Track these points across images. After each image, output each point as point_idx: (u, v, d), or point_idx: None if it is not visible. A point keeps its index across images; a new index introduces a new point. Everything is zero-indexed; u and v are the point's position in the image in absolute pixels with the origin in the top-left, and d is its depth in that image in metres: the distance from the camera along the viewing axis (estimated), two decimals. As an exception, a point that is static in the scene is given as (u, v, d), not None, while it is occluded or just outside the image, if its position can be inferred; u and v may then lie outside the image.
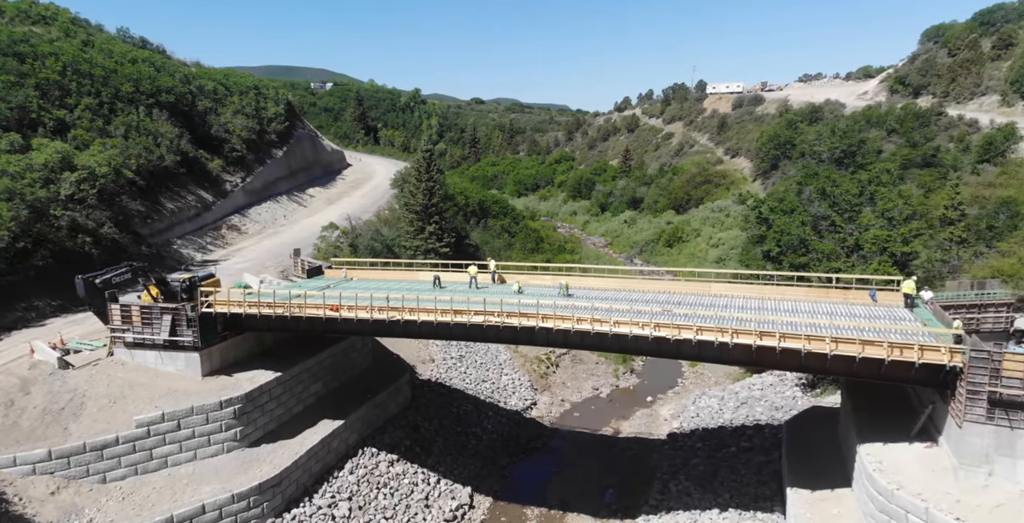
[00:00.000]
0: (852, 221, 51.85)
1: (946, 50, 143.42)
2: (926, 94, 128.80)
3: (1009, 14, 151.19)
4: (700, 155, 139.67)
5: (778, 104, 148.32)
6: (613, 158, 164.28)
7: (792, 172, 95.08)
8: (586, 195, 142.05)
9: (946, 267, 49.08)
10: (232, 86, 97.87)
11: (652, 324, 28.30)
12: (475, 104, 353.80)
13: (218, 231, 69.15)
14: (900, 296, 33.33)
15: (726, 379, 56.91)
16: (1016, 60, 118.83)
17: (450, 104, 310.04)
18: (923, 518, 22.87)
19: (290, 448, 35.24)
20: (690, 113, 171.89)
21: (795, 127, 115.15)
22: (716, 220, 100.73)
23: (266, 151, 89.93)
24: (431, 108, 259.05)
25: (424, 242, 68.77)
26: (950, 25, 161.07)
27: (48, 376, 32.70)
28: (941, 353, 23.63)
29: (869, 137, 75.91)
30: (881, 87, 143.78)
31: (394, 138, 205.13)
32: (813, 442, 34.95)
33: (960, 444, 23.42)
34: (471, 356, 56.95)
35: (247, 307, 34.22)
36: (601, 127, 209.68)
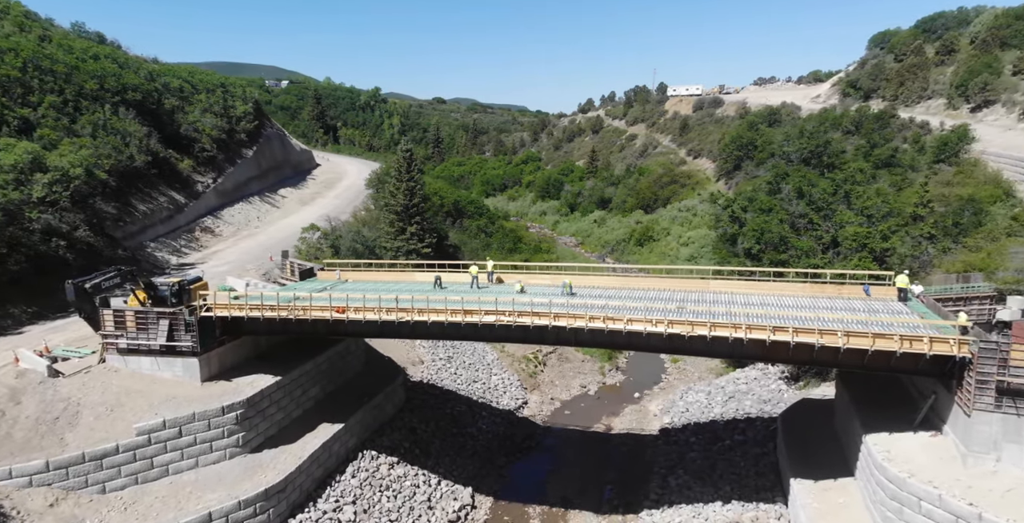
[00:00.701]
0: (828, 219, 53.37)
1: (892, 55, 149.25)
2: (876, 97, 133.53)
3: (949, 21, 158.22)
4: (664, 156, 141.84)
5: (737, 106, 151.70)
6: (579, 159, 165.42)
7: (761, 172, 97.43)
8: (555, 195, 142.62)
9: (916, 262, 50.94)
10: (198, 83, 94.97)
11: (666, 321, 28.52)
12: (437, 104, 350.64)
13: (192, 233, 66.94)
14: (888, 290, 34.53)
15: (709, 374, 57.83)
16: (959, 65, 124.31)
17: (411, 103, 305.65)
18: (936, 504, 23.59)
19: (293, 453, 34.37)
20: (652, 115, 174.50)
21: (756, 129, 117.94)
22: (684, 219, 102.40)
23: (236, 151, 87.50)
24: (392, 107, 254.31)
25: (406, 243, 67.88)
26: (895, 32, 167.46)
27: (38, 385, 31.09)
28: (950, 345, 24.44)
29: (833, 138, 78.21)
30: (833, 90, 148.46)
31: (354, 137, 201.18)
32: (809, 434, 35.73)
33: (968, 432, 24.24)
34: (459, 357, 56.49)
35: (249, 310, 33.15)
36: (566, 128, 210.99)
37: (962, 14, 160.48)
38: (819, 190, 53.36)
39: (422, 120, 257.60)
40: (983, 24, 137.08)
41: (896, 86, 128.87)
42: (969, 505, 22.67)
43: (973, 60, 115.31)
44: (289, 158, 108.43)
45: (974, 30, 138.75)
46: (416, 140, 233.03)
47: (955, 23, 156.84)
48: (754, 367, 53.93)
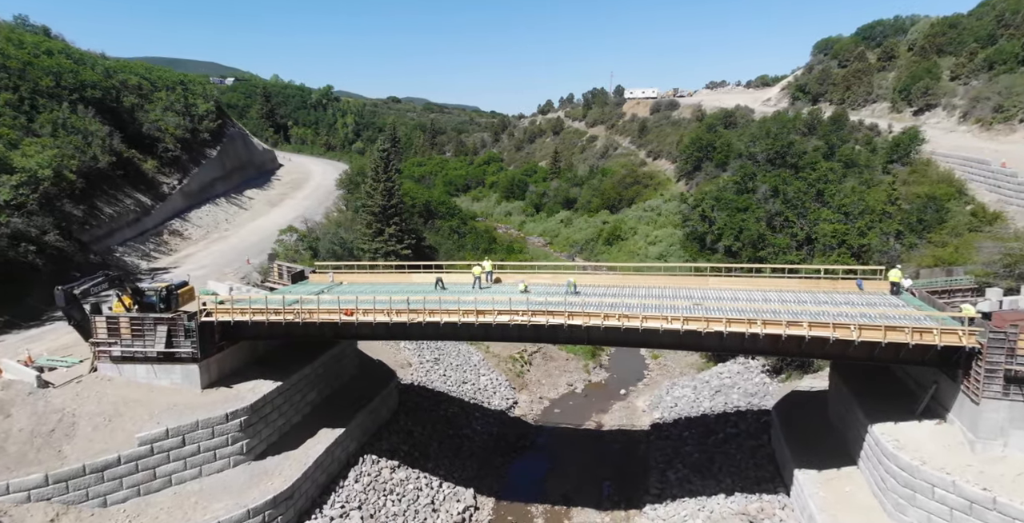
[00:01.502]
0: (803, 217, 54.92)
1: (836, 61, 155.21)
2: (824, 101, 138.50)
3: (887, 29, 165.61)
4: (624, 157, 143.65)
5: (692, 109, 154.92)
6: (542, 159, 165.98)
7: (720, 172, 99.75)
8: (519, 196, 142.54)
9: (885, 258, 52.90)
10: (156, 81, 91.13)
11: (681, 318, 28.70)
12: (392, 103, 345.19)
13: (160, 237, 64.14)
14: (876, 284, 35.69)
15: (689, 369, 58.73)
16: (900, 71, 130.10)
17: (365, 102, 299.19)
18: (950, 490, 24.37)
19: (297, 459, 33.29)
20: (611, 117, 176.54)
21: (715, 131, 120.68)
22: (650, 219, 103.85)
23: (199, 151, 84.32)
24: (345, 106, 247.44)
25: (384, 244, 66.63)
26: (837, 39, 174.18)
27: (27, 396, 29.17)
28: (959, 336, 25.34)
29: (796, 139, 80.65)
30: (783, 94, 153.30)
31: (307, 136, 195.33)
32: (806, 425, 36.56)
33: (977, 419, 25.14)
34: (446, 359, 55.77)
35: (252, 314, 31.85)
36: (527, 129, 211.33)
37: (898, 22, 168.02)
38: (794, 189, 54.83)
39: (377, 119, 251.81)
40: (919, 32, 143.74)
41: (843, 90, 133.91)
42: (983, 490, 23.50)
43: (914, 65, 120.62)
44: (253, 158, 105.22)
45: (911, 38, 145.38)
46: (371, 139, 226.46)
47: (892, 31, 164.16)
48: (735, 361, 55.00)
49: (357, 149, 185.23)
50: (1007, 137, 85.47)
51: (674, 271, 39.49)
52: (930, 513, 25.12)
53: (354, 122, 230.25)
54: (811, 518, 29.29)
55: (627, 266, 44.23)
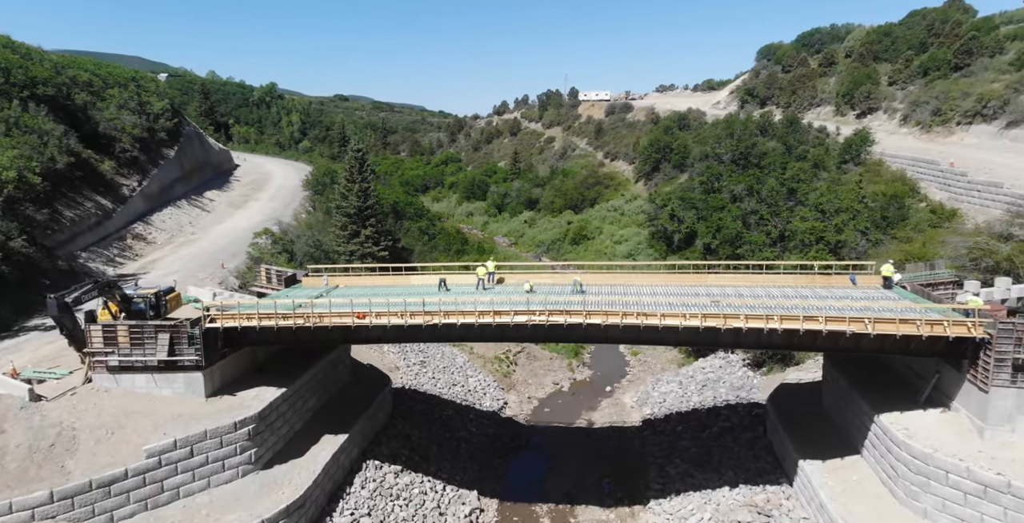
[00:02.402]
0: (777, 215, 56.45)
1: (780, 66, 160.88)
2: (771, 104, 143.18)
3: (825, 36, 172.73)
4: (583, 158, 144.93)
5: (646, 112, 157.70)
6: (500, 160, 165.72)
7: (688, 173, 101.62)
8: (480, 196, 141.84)
9: (854, 253, 54.95)
10: (108, 77, 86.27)
11: (700, 316, 28.93)
12: (339, 101, 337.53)
13: (123, 241, 60.70)
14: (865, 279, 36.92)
15: (670, 364, 59.53)
16: (841, 76, 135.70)
17: (311, 100, 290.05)
18: (964, 476, 25.21)
19: (304, 467, 32.07)
20: (567, 119, 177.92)
21: (671, 133, 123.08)
22: (614, 218, 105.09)
23: (157, 151, 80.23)
24: (290, 104, 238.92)
25: (360, 246, 65.06)
26: (779, 45, 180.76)
27: (19, 410, 27.01)
28: (968, 327, 26.35)
29: (759, 140, 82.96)
30: (732, 98, 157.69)
31: (250, 135, 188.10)
32: (802, 416, 37.37)
33: (986, 407, 26.08)
34: (432, 361, 54.80)
35: (259, 320, 30.39)
36: (484, 130, 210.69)
37: (835, 30, 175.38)
38: (767, 188, 56.30)
39: (324, 118, 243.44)
40: (856, 39, 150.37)
41: (789, 94, 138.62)
42: (997, 475, 24.40)
43: (855, 71, 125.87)
44: (210, 158, 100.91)
45: (848, 45, 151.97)
46: (319, 138, 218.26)
47: (830, 38, 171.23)
48: (716, 356, 56.02)
49: (304, 148, 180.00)
50: (946, 139, 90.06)
51: (673, 269, 39.69)
52: (944, 499, 25.96)
53: (300, 120, 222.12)
54: (822, 507, 29.95)
55: (625, 265, 44.40)
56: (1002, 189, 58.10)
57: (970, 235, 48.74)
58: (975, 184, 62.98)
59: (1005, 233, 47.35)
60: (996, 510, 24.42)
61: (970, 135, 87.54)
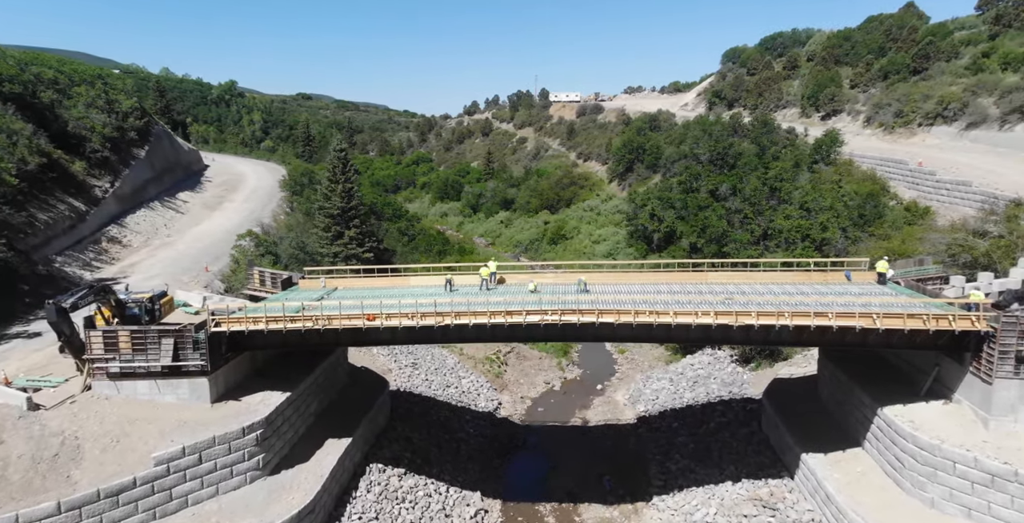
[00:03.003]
0: (760, 214, 57.40)
1: (745, 69, 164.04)
2: (738, 106, 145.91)
3: (787, 41, 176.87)
4: (556, 159, 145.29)
5: (616, 113, 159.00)
6: (473, 160, 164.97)
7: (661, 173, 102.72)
8: (454, 196, 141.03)
9: (833, 250, 56.25)
10: (73, 74, 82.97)
11: (712, 313, 29.12)
12: (302, 100, 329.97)
13: (99, 245, 58.35)
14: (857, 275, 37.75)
15: (657, 362, 59.96)
16: (804, 79, 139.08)
17: (273, 99, 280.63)
18: (972, 466, 25.82)
19: (311, 471, 31.34)
20: (539, 119, 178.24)
21: (644, 134, 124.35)
22: (590, 218, 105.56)
23: (127, 151, 77.40)
24: (251, 102, 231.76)
25: (344, 248, 63.89)
26: (743, 48, 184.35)
27: (18, 420, 25.71)
28: (972, 321, 27.08)
29: (735, 141, 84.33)
30: (699, 100, 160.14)
31: (208, 134, 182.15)
32: (800, 411, 37.93)
33: (990, 398, 26.76)
34: (423, 363, 54.10)
35: (267, 323, 29.48)
36: (455, 130, 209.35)
37: (796, 34, 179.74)
38: (751, 187, 57.20)
39: (287, 117, 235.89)
40: (818, 44, 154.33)
41: (755, 96, 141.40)
42: (1004, 464, 25.14)
43: (819, 74, 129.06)
44: (180, 158, 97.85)
45: (810, 49, 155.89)
46: (283, 138, 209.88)
47: (792, 42, 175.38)
48: (703, 352, 56.57)
49: (267, 147, 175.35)
50: (908, 140, 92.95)
51: (672, 267, 39.92)
52: (951, 488, 26.60)
53: (262, 119, 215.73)
54: (828, 499, 30.42)
55: (627, 263, 44.48)
56: (971, 188, 60.16)
57: (948, 232, 50.36)
58: (943, 183, 65.09)
59: (980, 230, 49.06)
60: (1003, 498, 25.13)
61: (931, 136, 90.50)
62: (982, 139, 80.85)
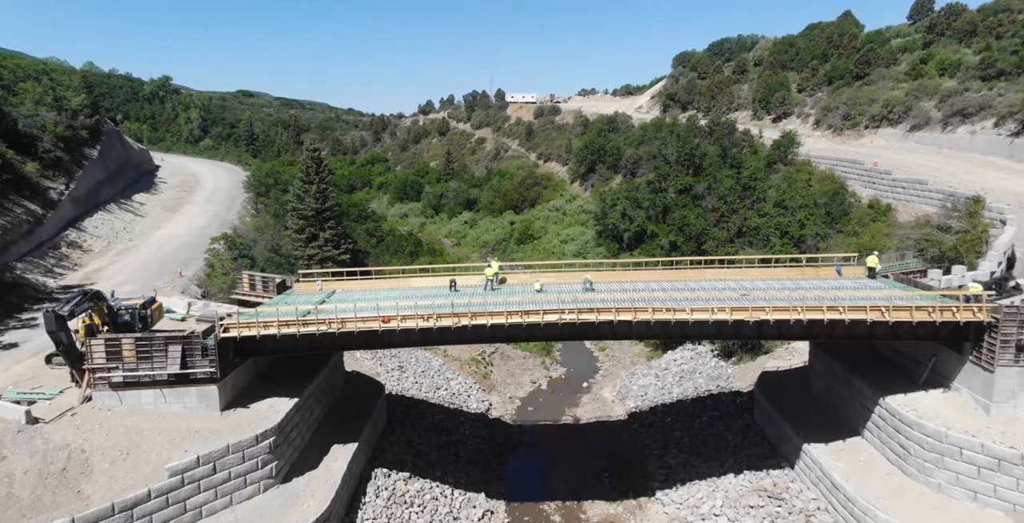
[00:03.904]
0: (735, 212, 58.75)
1: (696, 73, 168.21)
2: (692, 109, 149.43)
3: (733, 46, 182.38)
4: (516, 160, 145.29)
5: (574, 114, 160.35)
6: (431, 160, 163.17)
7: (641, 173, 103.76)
8: (414, 197, 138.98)
9: (803, 247, 58.08)
10: (16, 69, 77.86)
11: (727, 309, 29.48)
12: (243, 97, 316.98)
13: (59, 250, 54.80)
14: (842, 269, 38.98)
15: (638, 358, 60.54)
16: (753, 83, 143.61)
17: (212, 96, 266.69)
18: (979, 451, 26.74)
19: (322, 478, 30.32)
20: (497, 120, 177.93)
21: (604, 135, 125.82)
22: (556, 218, 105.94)
23: (79, 151, 73.03)
24: (187, 99, 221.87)
25: (320, 250, 61.93)
26: (693, 53, 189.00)
27: (17, 435, 23.91)
28: (973, 312, 28.24)
29: (701, 142, 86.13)
30: (653, 102, 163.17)
31: (142, 132, 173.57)
32: (795, 402, 38.76)
33: (991, 386, 27.84)
34: (409, 366, 52.96)
35: (279, 327, 28.20)
36: (410, 129, 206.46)
37: (742, 40, 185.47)
38: (726, 186, 58.47)
39: (227, 114, 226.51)
40: (764, 49, 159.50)
41: (708, 99, 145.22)
42: (1010, 448, 26.23)
43: (768, 78, 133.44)
44: (131, 158, 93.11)
45: (757, 54, 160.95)
46: (223, 136, 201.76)
47: (738, 47, 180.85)
48: (684, 348, 57.45)
49: (207, 146, 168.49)
50: (857, 141, 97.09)
51: (671, 265, 40.29)
52: (958, 473, 27.50)
53: (200, 117, 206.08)
54: (835, 487, 31.06)
55: (626, 262, 44.60)
56: (927, 186, 63.12)
57: (914, 228, 52.70)
58: (900, 181, 68.13)
59: (944, 225, 51.58)
60: (1009, 481, 26.21)
61: (879, 138, 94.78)
62: (926, 140, 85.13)
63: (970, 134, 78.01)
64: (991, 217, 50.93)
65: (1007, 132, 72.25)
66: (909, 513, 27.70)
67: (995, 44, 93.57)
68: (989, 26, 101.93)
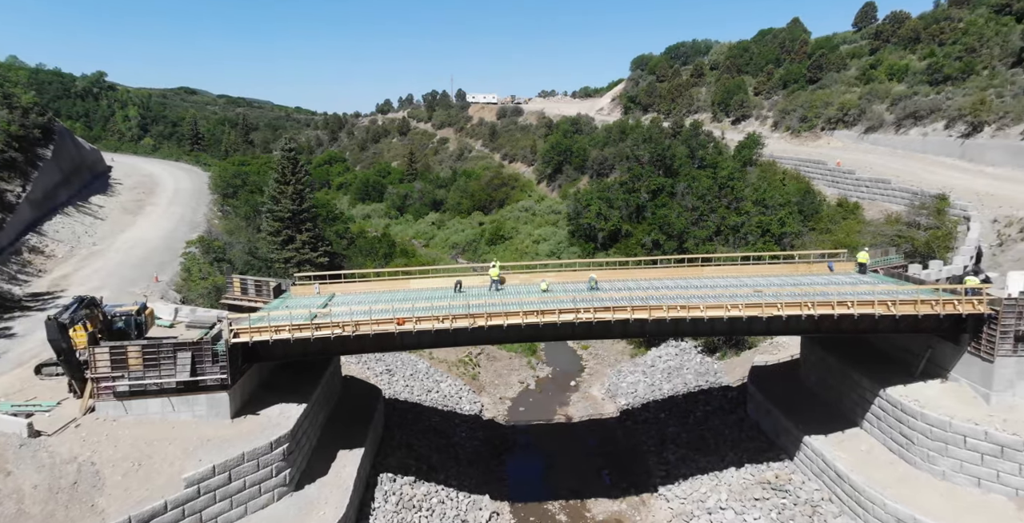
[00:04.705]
0: (714, 211, 59.79)
1: (654, 76, 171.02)
2: (653, 111, 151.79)
3: (689, 50, 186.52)
4: (480, 160, 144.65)
5: (536, 116, 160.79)
6: (391, 160, 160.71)
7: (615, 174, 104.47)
8: (376, 198, 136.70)
9: (783, 244, 59.54)
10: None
11: (741, 305, 29.79)
12: (186, 94, 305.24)
13: (20, 256, 51.51)
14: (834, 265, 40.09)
15: (621, 355, 60.86)
16: (710, 87, 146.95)
17: (151, 93, 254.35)
18: (982, 438, 27.58)
19: (333, 484, 29.43)
20: (459, 120, 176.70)
21: (570, 137, 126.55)
22: (527, 218, 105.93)
23: (32, 151, 68.83)
24: (124, 96, 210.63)
25: (297, 253, 60.15)
26: (650, 56, 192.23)
27: (19, 448, 22.37)
28: (974, 305, 29.28)
29: (672, 143, 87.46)
30: (614, 104, 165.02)
31: (75, 131, 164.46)
32: (789, 396, 39.57)
33: (992, 375, 28.78)
34: (396, 370, 51.75)
35: (292, 331, 27.06)
36: (369, 128, 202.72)
37: (697, 45, 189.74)
38: (704, 187, 59.46)
39: (168, 112, 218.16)
40: (719, 53, 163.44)
41: (668, 102, 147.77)
42: (1013, 435, 27.30)
43: (727, 82, 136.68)
44: (84, 159, 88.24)
45: (712, 58, 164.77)
46: (164, 135, 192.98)
47: (693, 51, 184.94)
48: (667, 344, 57.98)
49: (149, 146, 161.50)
50: (814, 142, 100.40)
51: (670, 264, 40.55)
52: (962, 461, 28.26)
53: (139, 115, 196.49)
54: (840, 477, 31.63)
55: (626, 260, 44.60)
56: (891, 185, 65.66)
57: (887, 225, 54.69)
58: (863, 181, 70.71)
59: (914, 222, 53.70)
60: (1012, 467, 27.10)
61: (835, 139, 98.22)
62: (881, 142, 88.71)
63: (923, 136, 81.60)
64: (955, 214, 53.36)
65: (957, 134, 75.78)
66: (916, 500, 28.47)
67: (939, 51, 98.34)
68: (932, 33, 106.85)
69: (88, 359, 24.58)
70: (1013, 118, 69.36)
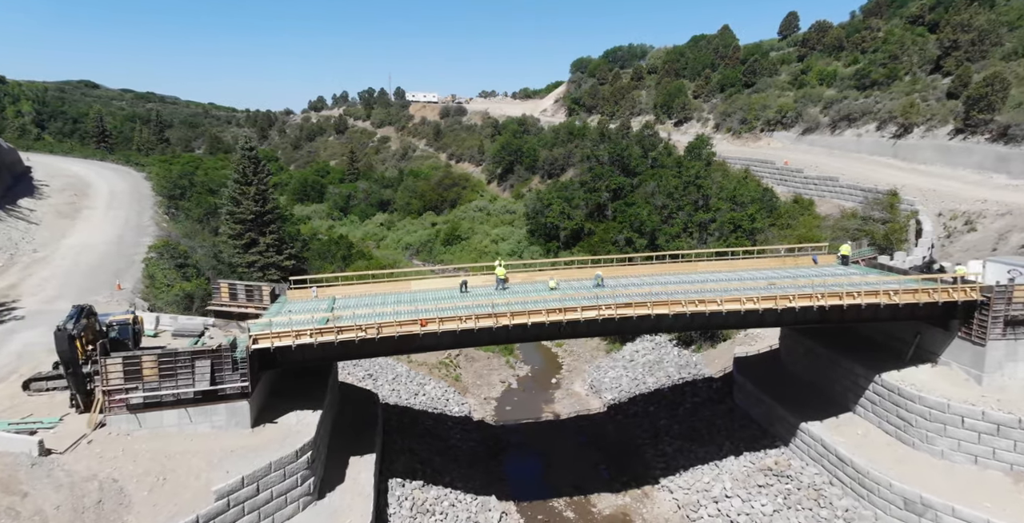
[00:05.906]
0: (682, 209, 61.21)
1: (595, 78, 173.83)
2: (596, 113, 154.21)
3: (626, 54, 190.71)
4: (425, 160, 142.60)
5: (481, 116, 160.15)
6: (329, 159, 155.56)
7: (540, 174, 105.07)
8: (316, 198, 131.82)
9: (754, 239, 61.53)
10: None
11: (756, 298, 30.42)
12: (88, 88, 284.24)
13: (-48, 261, 46.41)
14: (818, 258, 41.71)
15: (596, 352, 61.27)
16: (650, 90, 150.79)
17: (47, 86, 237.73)
18: (980, 418, 29.15)
19: (353, 491, 28.38)
20: (400, 119, 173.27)
21: (520, 137, 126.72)
22: (482, 218, 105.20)
23: (-50, 150, 62.49)
24: (17, 89, 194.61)
25: (261, 256, 57.09)
26: (589, 59, 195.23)
27: (32, 468, 20.21)
28: (966, 292, 31.03)
29: (628, 143, 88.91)
30: (558, 106, 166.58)
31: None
32: (778, 384, 40.92)
33: (983, 358, 30.56)
34: (378, 374, 50.08)
35: (311, 336, 25.56)
36: (302, 126, 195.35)
37: (634, 49, 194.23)
38: (672, 185, 60.79)
39: (68, 107, 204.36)
40: (657, 58, 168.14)
41: (612, 104, 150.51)
42: (1008, 414, 29.06)
43: (667, 85, 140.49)
44: (3, 159, 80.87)
45: (650, 62, 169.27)
46: (64, 132, 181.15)
47: (630, 55, 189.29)
48: (643, 339, 58.77)
49: (69, 145, 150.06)
50: (755, 143, 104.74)
51: (664, 260, 41.00)
52: (959, 440, 29.85)
53: (33, 110, 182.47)
54: (841, 461, 32.73)
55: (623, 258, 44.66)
56: (839, 182, 69.14)
57: (844, 220, 57.55)
58: (811, 179, 74.15)
59: (869, 217, 56.73)
60: (1007, 443, 28.79)
61: (775, 140, 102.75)
62: (818, 142, 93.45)
63: (857, 136, 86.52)
64: (904, 209, 56.79)
65: (889, 134, 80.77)
66: (919, 479, 29.89)
67: (862, 58, 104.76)
68: (854, 42, 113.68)
69: (99, 370, 22.29)
70: (939, 120, 74.40)
